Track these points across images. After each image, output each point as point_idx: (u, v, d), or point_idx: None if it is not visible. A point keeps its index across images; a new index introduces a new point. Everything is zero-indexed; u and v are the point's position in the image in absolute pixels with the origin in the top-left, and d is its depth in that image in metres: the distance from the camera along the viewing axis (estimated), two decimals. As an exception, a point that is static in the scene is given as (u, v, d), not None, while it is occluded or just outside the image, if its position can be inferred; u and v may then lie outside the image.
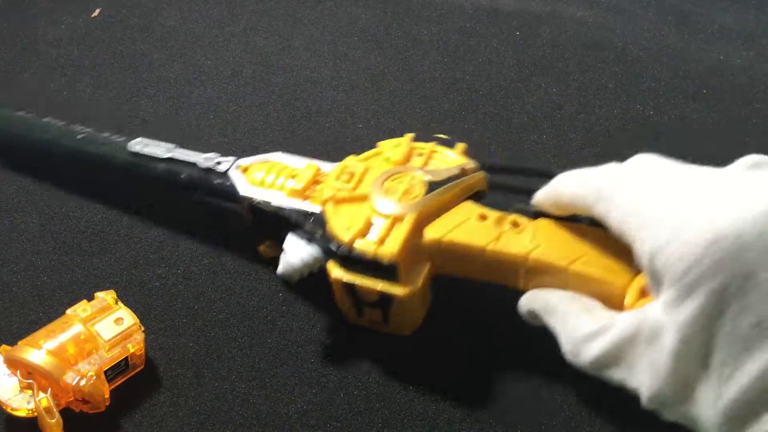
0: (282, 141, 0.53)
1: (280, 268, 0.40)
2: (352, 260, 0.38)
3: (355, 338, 0.43)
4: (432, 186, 0.39)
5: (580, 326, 0.34)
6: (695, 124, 0.53)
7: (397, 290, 0.38)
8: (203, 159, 0.45)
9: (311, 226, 0.40)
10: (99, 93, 0.57)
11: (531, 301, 0.37)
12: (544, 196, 0.38)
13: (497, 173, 0.47)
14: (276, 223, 0.42)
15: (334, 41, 0.61)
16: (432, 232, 0.38)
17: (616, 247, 0.36)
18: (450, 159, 0.42)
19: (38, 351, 0.37)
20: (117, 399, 0.39)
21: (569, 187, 0.36)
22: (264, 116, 0.55)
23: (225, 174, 0.44)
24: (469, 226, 0.38)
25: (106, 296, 0.41)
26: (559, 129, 0.54)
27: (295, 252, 0.40)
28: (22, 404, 0.38)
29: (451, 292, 0.43)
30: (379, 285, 0.38)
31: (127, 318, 0.40)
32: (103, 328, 0.39)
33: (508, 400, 0.40)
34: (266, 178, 0.43)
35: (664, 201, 0.31)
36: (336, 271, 0.39)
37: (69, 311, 0.40)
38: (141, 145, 0.47)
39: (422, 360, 0.42)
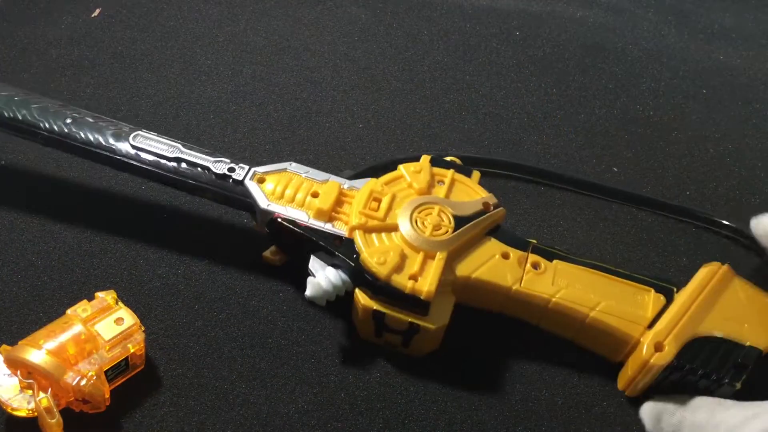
0: (282, 141, 0.53)
1: (310, 292, 0.40)
2: (385, 292, 0.39)
3: (355, 339, 0.43)
4: (459, 222, 0.41)
5: (730, 415, 0.34)
6: (695, 125, 0.53)
7: (426, 323, 0.39)
8: (214, 163, 0.44)
9: (342, 252, 0.40)
10: (99, 93, 0.56)
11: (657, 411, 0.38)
12: None
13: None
14: (295, 242, 0.42)
15: (334, 41, 0.61)
16: (462, 270, 0.40)
17: (630, 295, 0.40)
18: (471, 191, 0.43)
19: (38, 351, 0.37)
20: (117, 399, 0.39)
21: None
22: (264, 116, 0.55)
23: (241, 183, 0.43)
24: (494, 265, 0.40)
25: (106, 296, 0.41)
26: (559, 129, 0.54)
27: (325, 276, 0.40)
28: (22, 404, 0.38)
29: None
30: (409, 317, 0.39)
31: (128, 318, 0.40)
32: (103, 328, 0.39)
33: (509, 401, 0.40)
34: (285, 191, 0.43)
35: None
36: (365, 299, 0.40)
37: (69, 311, 0.40)
38: (143, 140, 0.45)
39: (423, 361, 0.42)
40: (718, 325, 0.38)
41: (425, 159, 0.45)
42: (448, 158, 0.46)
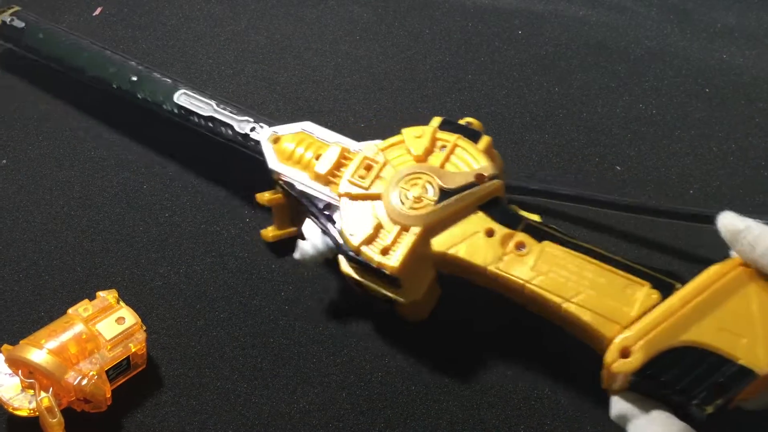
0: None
1: (297, 254, 0.41)
2: (357, 263, 0.39)
3: (357, 338, 0.43)
4: (444, 195, 0.39)
5: None
6: (698, 123, 0.53)
7: (399, 297, 0.39)
8: (239, 123, 0.46)
9: (326, 218, 0.41)
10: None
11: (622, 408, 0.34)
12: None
13: (519, 194, 0.46)
14: (297, 201, 0.43)
15: (336, 40, 0.61)
16: (437, 245, 0.38)
17: (619, 288, 0.35)
18: (471, 159, 0.40)
19: (40, 350, 0.37)
20: (119, 399, 0.39)
21: None
22: (266, 115, 0.55)
23: (258, 144, 0.45)
24: (474, 243, 0.38)
25: (107, 295, 0.41)
26: (561, 128, 0.53)
27: (312, 240, 0.41)
28: (23, 404, 0.38)
29: (456, 292, 0.42)
30: (383, 289, 0.39)
31: (129, 317, 0.40)
32: (104, 327, 0.39)
33: (511, 400, 0.40)
34: (295, 151, 0.44)
35: None
36: (346, 267, 0.40)
37: (70, 311, 0.40)
38: (186, 98, 0.48)
39: (424, 360, 0.42)
40: (709, 335, 0.32)
41: (433, 122, 0.43)
42: (464, 120, 0.43)
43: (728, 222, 0.35)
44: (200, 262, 0.46)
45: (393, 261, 0.38)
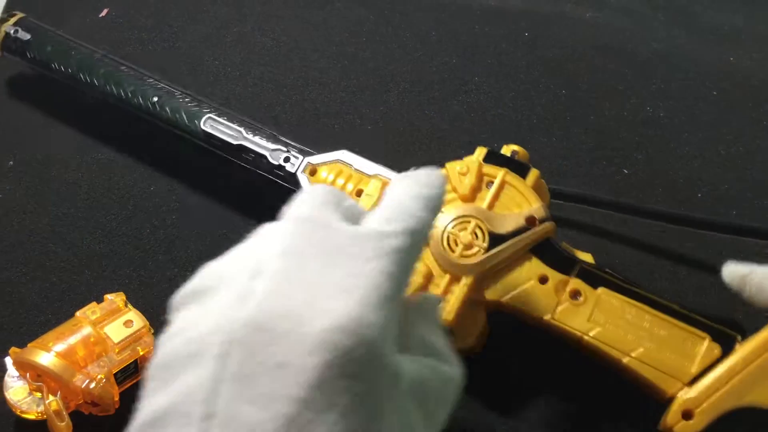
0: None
1: None
2: None
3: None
4: (494, 240, 0.37)
5: None
6: (706, 126, 0.53)
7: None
8: (271, 153, 0.44)
9: None
10: (107, 94, 0.56)
11: None
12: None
13: (565, 200, 0.45)
14: None
15: (342, 42, 0.60)
16: (490, 293, 0.37)
17: (678, 341, 0.35)
18: (520, 198, 0.39)
19: (47, 353, 0.37)
20: (127, 402, 0.39)
21: None
22: (272, 118, 0.55)
23: (294, 175, 0.44)
24: (527, 291, 0.37)
25: (115, 298, 0.41)
26: (568, 131, 0.53)
27: None
28: (31, 407, 0.38)
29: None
30: None
31: (137, 320, 0.40)
32: (112, 330, 0.39)
33: (516, 403, 0.40)
34: (335, 183, 0.42)
35: None
36: None
37: (78, 313, 0.40)
38: (212, 124, 0.46)
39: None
40: None
41: (478, 153, 0.41)
42: (509, 149, 0.41)
43: (732, 269, 0.35)
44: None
45: (445, 313, 0.37)
